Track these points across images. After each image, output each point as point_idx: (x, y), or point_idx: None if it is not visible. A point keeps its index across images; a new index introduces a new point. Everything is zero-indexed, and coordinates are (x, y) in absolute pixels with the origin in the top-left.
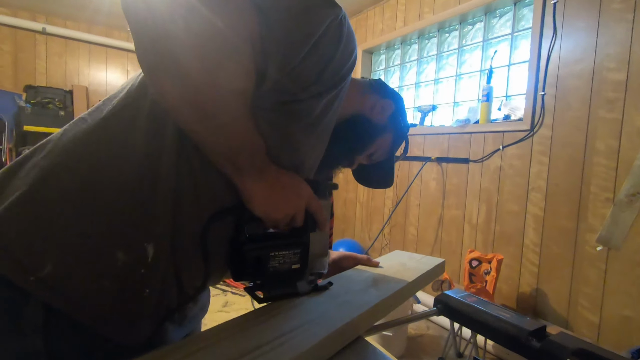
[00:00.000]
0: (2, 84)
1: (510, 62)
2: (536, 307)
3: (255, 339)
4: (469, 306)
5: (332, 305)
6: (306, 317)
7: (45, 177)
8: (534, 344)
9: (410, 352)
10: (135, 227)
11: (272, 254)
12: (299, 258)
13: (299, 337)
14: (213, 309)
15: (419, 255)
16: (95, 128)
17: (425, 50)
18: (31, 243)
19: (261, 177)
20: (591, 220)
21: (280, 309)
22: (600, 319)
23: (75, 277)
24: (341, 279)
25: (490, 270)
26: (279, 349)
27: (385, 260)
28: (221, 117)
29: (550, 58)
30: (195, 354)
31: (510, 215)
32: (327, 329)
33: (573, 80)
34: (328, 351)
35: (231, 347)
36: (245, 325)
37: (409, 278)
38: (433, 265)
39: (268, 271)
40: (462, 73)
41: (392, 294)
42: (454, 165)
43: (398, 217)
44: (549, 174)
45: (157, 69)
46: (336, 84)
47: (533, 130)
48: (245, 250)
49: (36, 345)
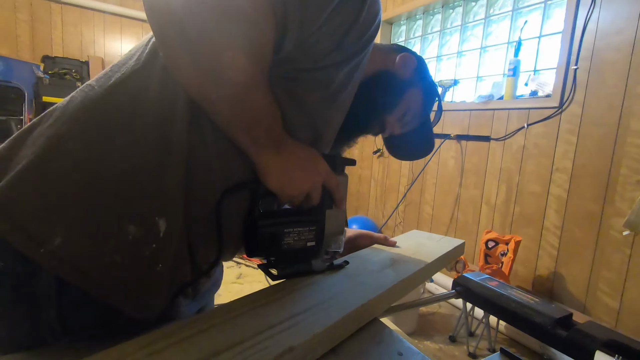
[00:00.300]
0: (21, 55)
1: (542, 33)
2: (553, 290)
3: (268, 317)
4: (490, 290)
5: (347, 285)
6: (321, 297)
7: (53, 146)
8: (560, 332)
9: (421, 329)
10: (146, 200)
11: (287, 231)
12: (314, 235)
13: (312, 318)
14: (227, 280)
15: (438, 235)
16: (104, 95)
17: (449, 20)
18: (40, 214)
19: (277, 151)
20: (619, 204)
21: (294, 287)
22: (620, 304)
23: (86, 250)
24: (357, 258)
25: (506, 252)
26: (293, 329)
27: (403, 240)
28: (238, 85)
29: (587, 29)
30: (209, 331)
31: (531, 196)
32: (343, 310)
33: (610, 53)
34: (342, 333)
35: (244, 325)
36: (259, 303)
37: (428, 259)
38: (452, 247)
39: (282, 248)
40: (488, 45)
41: (409, 276)
42: (474, 143)
43: (413, 196)
44: (575, 154)
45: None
46: (358, 51)
47: (562, 107)
48: (259, 226)
49: (50, 317)
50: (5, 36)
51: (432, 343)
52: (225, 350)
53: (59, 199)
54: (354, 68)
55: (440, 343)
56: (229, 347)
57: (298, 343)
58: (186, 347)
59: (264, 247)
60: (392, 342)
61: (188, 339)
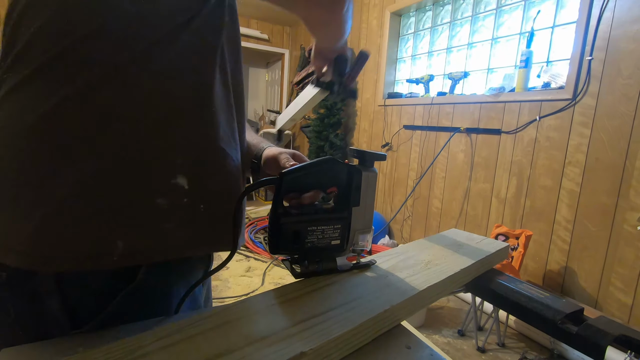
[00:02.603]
0: None
1: (555, 23)
2: (564, 285)
3: (285, 318)
4: (499, 285)
5: (372, 287)
6: (342, 299)
7: None
8: (570, 327)
9: (430, 323)
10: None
11: (310, 229)
12: (339, 234)
13: (330, 321)
14: (237, 273)
15: (479, 236)
16: None
17: (460, 11)
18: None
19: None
20: (633, 198)
21: (316, 286)
22: (633, 300)
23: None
24: (386, 257)
25: (517, 246)
26: (307, 332)
27: (439, 240)
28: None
29: (602, 18)
30: (223, 327)
31: (542, 190)
32: (363, 315)
33: (627, 42)
34: (362, 339)
35: (260, 324)
36: (276, 302)
37: (464, 263)
38: (494, 250)
39: (305, 246)
40: (499, 36)
41: (442, 280)
42: (485, 136)
43: (422, 190)
44: (589, 147)
45: None
46: None
47: (575, 99)
48: (282, 224)
49: (53, 307)
50: None
51: (440, 337)
52: (237, 349)
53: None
54: None
55: (449, 337)
56: (242, 346)
57: (309, 349)
58: (200, 341)
59: (287, 244)
60: (400, 335)
61: (203, 334)
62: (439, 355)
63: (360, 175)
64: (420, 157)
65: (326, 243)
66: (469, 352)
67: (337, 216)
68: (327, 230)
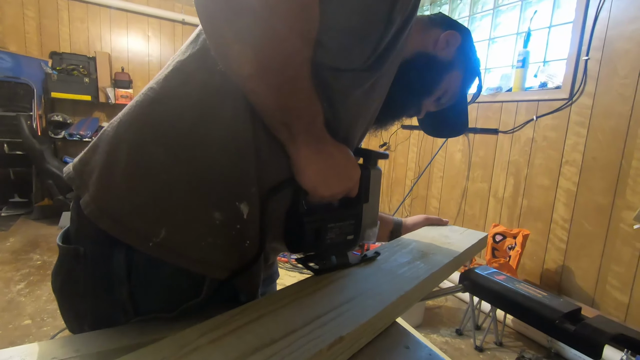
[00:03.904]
0: (29, 51)
1: (552, 23)
2: (561, 284)
3: (314, 308)
4: (497, 284)
5: (383, 277)
6: (360, 289)
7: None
8: (568, 327)
9: (428, 322)
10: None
11: (330, 226)
12: (352, 229)
13: (356, 309)
14: None
15: (460, 227)
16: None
17: (457, 11)
18: (144, 214)
19: (316, 149)
20: (629, 197)
21: (331, 279)
22: (630, 298)
23: (185, 239)
24: (386, 249)
25: (514, 246)
26: (339, 319)
27: (427, 232)
28: (284, 75)
29: (599, 18)
30: (260, 320)
31: (539, 189)
32: (383, 301)
33: (623, 42)
34: (384, 323)
35: (292, 314)
36: (301, 294)
37: (454, 251)
38: (477, 239)
39: (325, 242)
40: (496, 36)
41: (441, 268)
42: (482, 136)
43: (420, 189)
44: (586, 147)
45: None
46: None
47: (572, 99)
48: (305, 222)
49: (122, 297)
50: (14, 32)
51: (438, 336)
52: (280, 339)
53: (155, 198)
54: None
55: (447, 336)
56: (284, 336)
57: (347, 332)
58: (243, 334)
59: (309, 242)
60: (399, 335)
61: (243, 327)
62: (438, 354)
63: (369, 173)
64: (418, 156)
65: (342, 239)
66: (467, 351)
67: (352, 212)
68: (344, 226)
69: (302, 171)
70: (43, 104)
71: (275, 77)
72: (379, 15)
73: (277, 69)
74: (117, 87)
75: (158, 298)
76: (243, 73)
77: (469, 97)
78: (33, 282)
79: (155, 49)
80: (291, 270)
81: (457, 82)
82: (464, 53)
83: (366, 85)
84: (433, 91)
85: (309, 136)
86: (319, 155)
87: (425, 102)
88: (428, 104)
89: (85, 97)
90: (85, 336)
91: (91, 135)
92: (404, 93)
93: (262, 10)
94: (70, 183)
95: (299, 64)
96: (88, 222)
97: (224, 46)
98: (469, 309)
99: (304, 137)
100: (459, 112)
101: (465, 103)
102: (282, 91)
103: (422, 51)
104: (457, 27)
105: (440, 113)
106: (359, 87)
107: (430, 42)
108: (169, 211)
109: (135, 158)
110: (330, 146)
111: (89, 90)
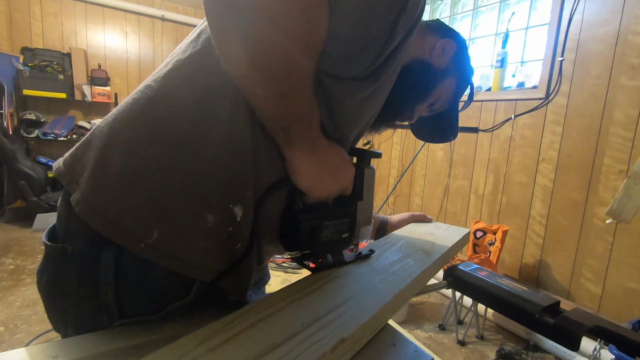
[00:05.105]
0: None
1: (528, 24)
2: (539, 278)
3: (312, 310)
4: (480, 280)
5: (377, 275)
6: (357, 288)
7: (132, 151)
8: (547, 320)
9: (412, 318)
10: (219, 192)
11: (326, 224)
12: (347, 227)
13: (354, 309)
14: None
15: (444, 224)
16: (168, 96)
17: (438, 11)
18: (137, 214)
19: (312, 150)
20: (602, 193)
21: (327, 279)
22: (602, 290)
23: (178, 241)
24: (376, 247)
25: (494, 241)
26: (339, 321)
27: (413, 229)
28: (287, 82)
29: (572, 20)
30: (259, 325)
31: (518, 186)
32: (381, 300)
33: (595, 44)
34: (382, 322)
35: (291, 317)
36: (297, 296)
37: (442, 248)
38: (462, 235)
39: (321, 241)
40: (476, 37)
41: (431, 264)
42: (463, 134)
43: (403, 187)
44: (561, 145)
45: (225, 25)
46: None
47: (548, 98)
48: (301, 221)
49: (108, 299)
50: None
51: (422, 331)
52: (282, 343)
53: (149, 199)
54: (395, 67)
55: (430, 331)
56: (285, 340)
57: (348, 334)
58: (243, 341)
59: (305, 241)
60: (385, 333)
61: (242, 333)
62: (423, 351)
63: (363, 172)
64: (401, 155)
65: (338, 237)
66: (450, 346)
67: (346, 210)
68: (339, 224)
69: (298, 172)
70: (14, 102)
71: (276, 84)
72: (383, 27)
73: (278, 78)
74: (93, 85)
75: (145, 299)
76: (239, 72)
77: (460, 104)
78: (5, 288)
79: (133, 46)
80: (276, 270)
81: (451, 90)
82: (459, 61)
83: (365, 93)
84: (427, 97)
85: (305, 139)
86: (314, 156)
87: (418, 108)
88: (421, 109)
89: (59, 94)
90: (64, 342)
91: (67, 135)
92: (398, 99)
93: (261, 11)
94: (60, 179)
95: (302, 74)
96: (78, 220)
97: (230, 53)
98: (451, 304)
99: (300, 140)
100: (450, 118)
101: (456, 110)
102: (284, 97)
103: (419, 58)
104: (453, 36)
105: (431, 118)
106: (358, 94)
107: (427, 48)
108: (162, 212)
109: (130, 157)
110: (324, 147)
111: (63, 88)
